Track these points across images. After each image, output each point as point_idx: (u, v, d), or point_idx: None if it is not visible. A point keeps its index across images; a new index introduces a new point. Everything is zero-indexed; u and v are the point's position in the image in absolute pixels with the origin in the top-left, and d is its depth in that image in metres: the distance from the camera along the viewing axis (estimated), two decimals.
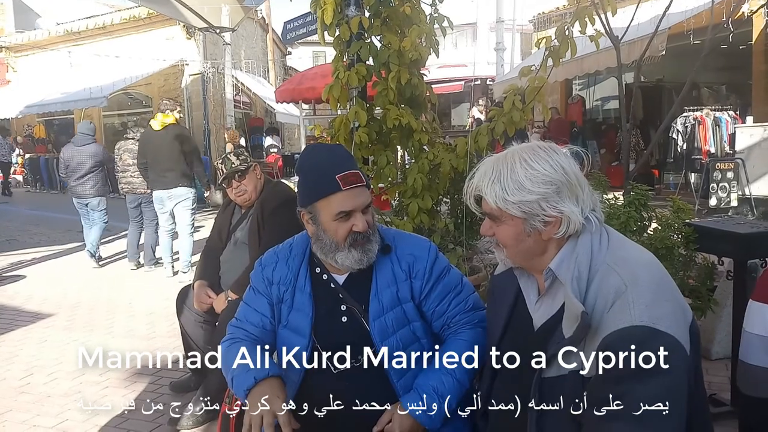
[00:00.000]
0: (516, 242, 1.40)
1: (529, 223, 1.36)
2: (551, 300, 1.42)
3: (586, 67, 9.34)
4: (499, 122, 3.58)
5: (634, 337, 1.20)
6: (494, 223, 1.42)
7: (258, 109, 19.04)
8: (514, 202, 1.34)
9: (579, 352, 1.28)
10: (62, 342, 4.47)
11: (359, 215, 1.71)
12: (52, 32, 17.93)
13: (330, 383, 1.73)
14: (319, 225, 1.73)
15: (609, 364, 1.21)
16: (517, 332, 1.51)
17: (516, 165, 1.36)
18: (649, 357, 1.19)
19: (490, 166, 1.40)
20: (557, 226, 1.35)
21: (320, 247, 1.75)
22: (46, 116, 18.06)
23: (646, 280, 1.28)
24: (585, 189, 1.38)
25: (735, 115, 9.28)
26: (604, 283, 1.29)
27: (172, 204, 6.18)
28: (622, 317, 1.23)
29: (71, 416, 3.26)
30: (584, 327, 1.25)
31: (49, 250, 8.24)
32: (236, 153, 3.34)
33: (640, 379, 1.19)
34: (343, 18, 3.61)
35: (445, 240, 3.79)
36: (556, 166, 1.35)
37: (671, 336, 1.21)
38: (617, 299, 1.25)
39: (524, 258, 1.43)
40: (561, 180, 1.34)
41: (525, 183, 1.34)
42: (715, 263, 3.10)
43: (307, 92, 9.19)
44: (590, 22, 3.59)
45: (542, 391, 1.33)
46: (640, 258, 1.36)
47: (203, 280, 3.28)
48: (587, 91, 14.27)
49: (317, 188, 1.72)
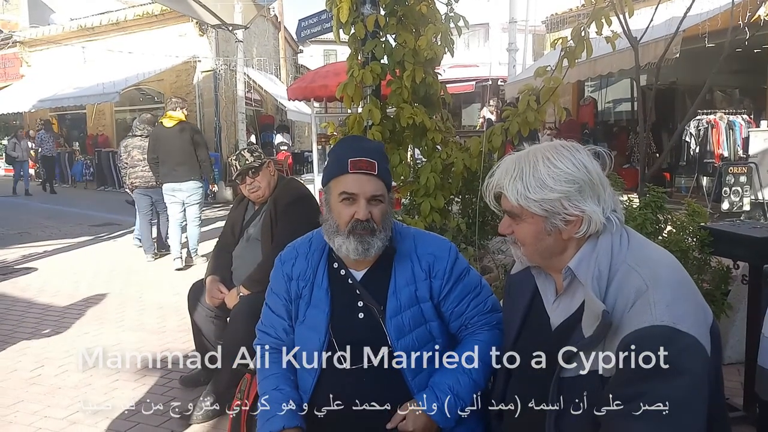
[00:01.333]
0: (535, 241, 1.39)
1: (549, 222, 1.35)
2: (569, 299, 1.41)
3: (599, 69, 9.28)
4: (513, 122, 3.57)
5: (655, 336, 1.19)
6: (514, 221, 1.41)
7: (269, 107, 19.09)
8: (535, 200, 1.33)
9: (598, 351, 1.28)
10: (73, 334, 4.50)
11: (363, 203, 1.71)
12: (66, 27, 18.05)
13: (345, 380, 1.73)
14: (329, 205, 1.77)
15: (629, 364, 1.21)
16: (533, 331, 1.50)
17: (539, 163, 1.35)
18: (670, 357, 1.18)
19: (512, 164, 1.39)
20: (578, 225, 1.34)
21: (326, 229, 1.79)
22: (58, 111, 18.21)
23: (668, 280, 1.27)
24: (607, 189, 1.37)
25: (749, 119, 9.21)
26: (625, 282, 1.28)
27: (183, 196, 6.53)
28: (643, 317, 1.22)
29: (81, 408, 3.28)
30: (605, 326, 1.24)
31: (60, 243, 8.29)
32: (250, 149, 3.35)
33: (661, 379, 1.18)
34: (359, 16, 3.60)
35: (456, 239, 3.78)
36: (578, 165, 1.35)
37: (692, 336, 1.20)
38: (638, 299, 1.24)
39: (543, 257, 1.42)
40: (583, 179, 1.33)
41: (547, 181, 1.33)
42: (730, 267, 3.08)
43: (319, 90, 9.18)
44: (607, 23, 3.57)
45: (561, 390, 1.32)
46: (661, 258, 1.35)
47: (215, 275, 3.29)
48: (599, 93, 14.20)
49: (332, 169, 1.77)
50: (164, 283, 6.05)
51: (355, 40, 3.69)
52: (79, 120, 19.15)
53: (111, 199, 13.96)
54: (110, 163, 15.84)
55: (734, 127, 8.90)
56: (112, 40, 16.56)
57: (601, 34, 3.56)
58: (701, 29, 7.98)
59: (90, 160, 16.99)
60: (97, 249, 7.95)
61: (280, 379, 1.79)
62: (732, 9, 4.25)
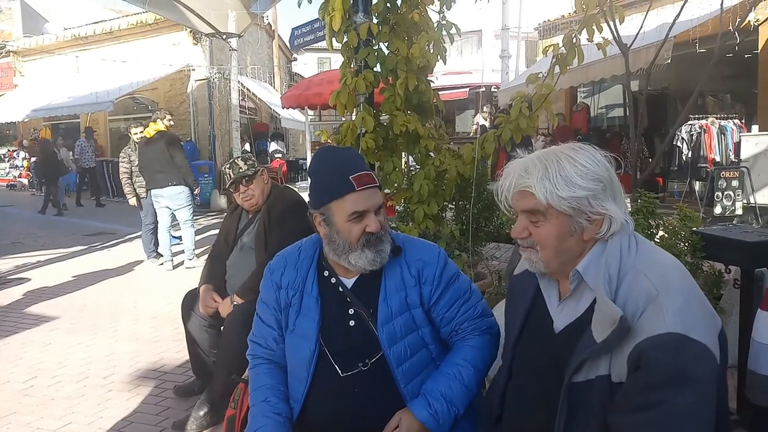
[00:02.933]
0: (558, 242, 1.37)
1: (575, 221, 1.35)
2: (575, 303, 1.40)
3: (592, 75, 9.34)
4: (506, 129, 3.58)
5: (668, 344, 1.19)
6: (533, 224, 1.39)
7: (263, 115, 19.11)
8: (564, 198, 1.33)
9: (609, 356, 1.27)
10: (66, 345, 4.47)
11: (372, 216, 1.70)
12: (60, 37, 18.06)
13: (337, 388, 1.73)
14: (333, 226, 1.72)
15: (642, 372, 1.21)
16: (534, 334, 1.49)
17: (563, 161, 1.35)
18: (682, 366, 1.18)
19: (532, 163, 1.38)
20: (600, 225, 1.35)
21: (333, 248, 1.74)
22: (52, 120, 18.16)
23: (678, 286, 1.27)
24: (621, 192, 1.39)
25: (740, 124, 9.28)
26: (634, 287, 1.28)
27: (166, 201, 6.86)
28: (656, 323, 1.22)
29: (74, 419, 3.26)
30: (622, 331, 1.23)
31: (53, 253, 8.26)
32: (244, 158, 3.35)
33: (674, 388, 1.18)
34: (351, 24, 3.62)
35: (450, 246, 3.79)
36: (600, 163, 1.36)
37: (703, 344, 1.20)
38: (649, 304, 1.24)
39: (561, 259, 1.39)
40: (606, 178, 1.35)
41: (575, 179, 1.33)
42: (722, 271, 3.09)
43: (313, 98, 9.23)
44: (597, 30, 3.59)
45: (571, 395, 1.31)
46: (670, 263, 1.34)
47: (209, 284, 3.28)
48: (592, 98, 14.27)
49: (331, 189, 1.71)
50: (158, 292, 6.03)
51: (348, 49, 3.71)
52: (72, 129, 19.09)
53: (105, 208, 13.92)
54: (104, 172, 15.79)
55: (726, 131, 8.96)
56: (106, 49, 16.57)
57: (592, 40, 3.58)
58: (692, 35, 8.05)
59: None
60: (91, 259, 7.91)
61: (269, 390, 1.79)
62: (721, 15, 4.29)
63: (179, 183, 6.82)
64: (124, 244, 9.02)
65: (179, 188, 6.83)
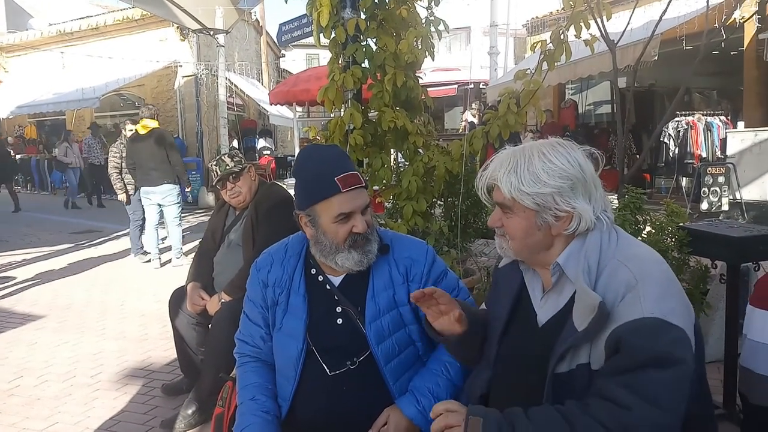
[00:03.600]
0: (525, 235, 1.39)
1: (540, 216, 1.36)
2: (557, 295, 1.41)
3: (580, 72, 9.38)
4: (494, 125, 3.58)
5: (645, 328, 1.21)
6: (504, 215, 1.42)
7: (251, 111, 19.01)
8: (528, 194, 1.35)
9: (589, 345, 1.28)
10: (53, 344, 4.43)
11: (359, 216, 1.70)
12: (45, 33, 17.85)
13: (325, 386, 1.72)
14: (319, 227, 1.71)
15: (621, 355, 1.22)
16: (519, 328, 1.49)
17: (534, 157, 1.37)
18: (663, 347, 1.19)
19: (507, 157, 1.40)
20: (568, 221, 1.36)
21: (320, 249, 1.73)
22: (37, 117, 17.97)
23: (657, 275, 1.29)
24: (598, 189, 1.39)
25: (726, 120, 9.35)
26: (614, 277, 1.30)
27: (158, 198, 6.83)
28: (633, 309, 1.23)
29: (61, 419, 3.23)
30: (602, 318, 1.24)
31: (40, 251, 8.17)
32: (230, 154, 3.32)
33: (655, 368, 1.19)
34: (339, 20, 3.60)
35: (439, 242, 3.79)
36: (573, 162, 1.37)
37: (681, 329, 1.22)
38: (628, 292, 1.26)
39: (530, 252, 1.42)
40: (577, 176, 1.35)
41: (541, 175, 1.34)
42: (708, 266, 3.11)
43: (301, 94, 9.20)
44: (585, 27, 3.60)
45: (555, 386, 1.32)
46: (650, 255, 1.36)
47: (196, 281, 3.26)
48: (580, 95, 14.32)
49: (316, 190, 1.70)
50: (146, 290, 5.98)
51: (336, 44, 3.69)
52: (58, 126, 18.90)
53: (92, 205, 13.79)
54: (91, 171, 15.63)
55: (712, 128, 9.02)
56: (92, 45, 16.39)
57: (579, 37, 3.59)
58: (679, 32, 8.10)
59: None
60: (78, 257, 7.84)
61: (257, 389, 1.78)
62: (707, 12, 4.31)
63: (173, 181, 6.84)
64: (111, 242, 8.95)
65: (172, 186, 6.84)
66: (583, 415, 1.21)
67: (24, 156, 17.79)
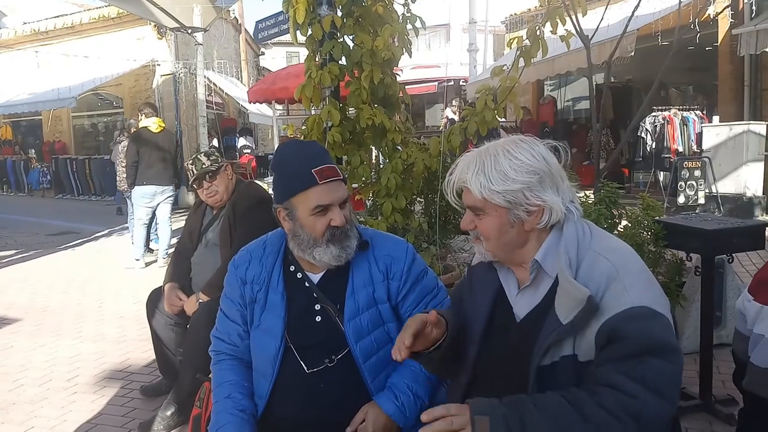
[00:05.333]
0: (499, 234, 1.40)
1: (513, 213, 1.37)
2: (534, 291, 1.42)
3: (558, 68, 9.43)
4: (471, 122, 3.60)
5: (640, 316, 1.23)
6: (476, 216, 1.42)
7: (231, 110, 18.86)
8: (498, 192, 1.35)
9: (573, 336, 1.29)
10: (28, 348, 4.36)
11: (337, 210, 1.69)
12: (19, 32, 17.52)
13: (302, 384, 1.71)
14: (297, 221, 1.70)
15: (619, 344, 1.22)
16: (499, 325, 1.49)
17: (499, 156, 1.38)
18: (658, 334, 1.21)
19: (473, 159, 1.41)
20: (539, 215, 1.37)
21: (298, 243, 1.72)
22: (12, 117, 17.65)
23: (636, 266, 1.32)
24: (565, 181, 1.41)
25: (702, 115, 9.47)
26: (594, 268, 1.31)
27: (161, 198, 6.82)
28: (621, 300, 1.25)
29: (37, 423, 3.18)
30: (590, 310, 1.25)
31: (15, 254, 8.04)
32: (207, 153, 3.29)
33: (655, 356, 1.21)
34: (316, 17, 3.58)
35: (419, 239, 3.80)
36: (538, 156, 1.38)
37: (667, 318, 1.25)
38: (611, 283, 1.27)
39: (506, 250, 1.43)
40: (543, 169, 1.37)
41: (509, 172, 1.35)
42: (684, 259, 3.15)
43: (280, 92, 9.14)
44: (561, 23, 3.63)
45: (539, 379, 1.32)
46: (625, 247, 1.39)
47: (174, 282, 3.23)
48: (559, 91, 14.42)
49: (293, 183, 1.70)
50: (124, 292, 5.91)
51: (313, 42, 3.67)
52: (34, 126, 18.59)
53: (70, 207, 13.61)
54: (68, 170, 15.43)
55: (688, 122, 9.14)
56: (68, 44, 16.12)
57: (556, 33, 3.61)
58: (654, 28, 8.19)
59: (47, 167, 16.51)
60: (55, 259, 7.73)
61: (232, 387, 1.76)
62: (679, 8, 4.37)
63: (175, 183, 7.01)
64: (89, 243, 8.83)
65: (173, 188, 6.97)
66: (591, 404, 1.21)
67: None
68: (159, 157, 6.70)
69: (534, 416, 1.21)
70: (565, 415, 1.20)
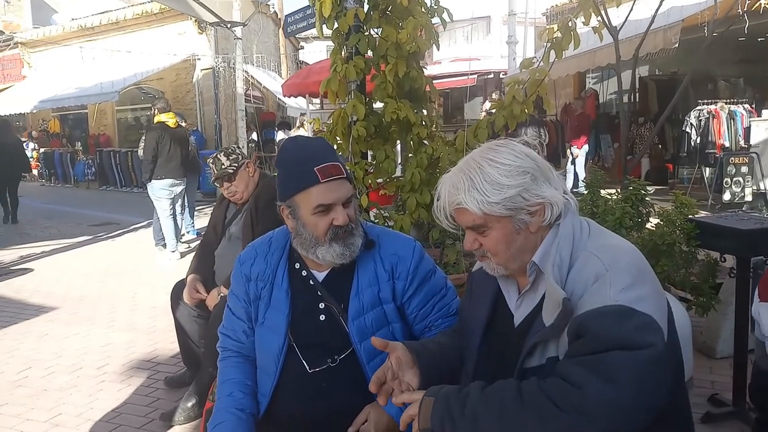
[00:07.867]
0: (507, 245, 1.35)
1: (516, 219, 1.32)
2: (533, 293, 1.38)
3: (599, 60, 9.18)
4: (499, 116, 3.51)
5: (608, 314, 1.16)
6: (479, 234, 1.37)
7: (270, 104, 19.04)
8: (497, 202, 1.30)
9: (558, 339, 1.25)
10: (63, 336, 4.48)
11: (340, 208, 1.65)
12: (66, 28, 18.07)
13: (305, 383, 1.69)
14: (299, 219, 1.67)
15: (585, 340, 1.18)
16: (498, 334, 1.45)
17: (484, 167, 1.32)
18: (626, 333, 1.14)
19: (457, 178, 1.35)
20: (542, 213, 1.33)
21: (300, 242, 1.70)
22: (60, 111, 18.25)
23: (627, 264, 1.25)
24: (552, 171, 1.36)
25: (751, 109, 9.08)
26: (585, 268, 1.26)
27: (178, 190, 7.09)
28: (597, 298, 1.20)
29: (65, 410, 3.27)
30: (566, 313, 1.21)
31: (58, 243, 8.29)
32: (227, 152, 3.29)
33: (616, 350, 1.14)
34: (342, 10, 3.55)
35: (443, 235, 3.73)
36: (521, 155, 1.34)
37: (649, 316, 1.17)
38: (596, 282, 1.22)
39: (517, 259, 1.37)
40: (532, 167, 1.32)
41: (501, 180, 1.31)
42: (718, 260, 3.01)
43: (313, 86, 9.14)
44: (595, 14, 3.51)
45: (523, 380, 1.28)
46: (622, 245, 1.33)
47: (197, 274, 3.26)
48: (601, 84, 14.05)
49: (295, 181, 1.66)
50: (158, 282, 6.01)
51: (339, 35, 3.64)
52: (80, 120, 19.18)
53: (112, 198, 13.98)
54: (112, 163, 15.85)
55: (735, 116, 8.78)
56: (112, 39, 16.56)
57: (588, 24, 3.49)
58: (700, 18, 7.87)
59: (92, 159, 17.01)
60: (95, 249, 7.95)
61: (235, 385, 1.75)
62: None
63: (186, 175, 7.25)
64: (128, 234, 9.05)
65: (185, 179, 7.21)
66: (534, 388, 1.18)
67: (48, 149, 18.05)
68: (177, 151, 6.92)
69: (476, 397, 1.22)
70: (506, 399, 1.19)
